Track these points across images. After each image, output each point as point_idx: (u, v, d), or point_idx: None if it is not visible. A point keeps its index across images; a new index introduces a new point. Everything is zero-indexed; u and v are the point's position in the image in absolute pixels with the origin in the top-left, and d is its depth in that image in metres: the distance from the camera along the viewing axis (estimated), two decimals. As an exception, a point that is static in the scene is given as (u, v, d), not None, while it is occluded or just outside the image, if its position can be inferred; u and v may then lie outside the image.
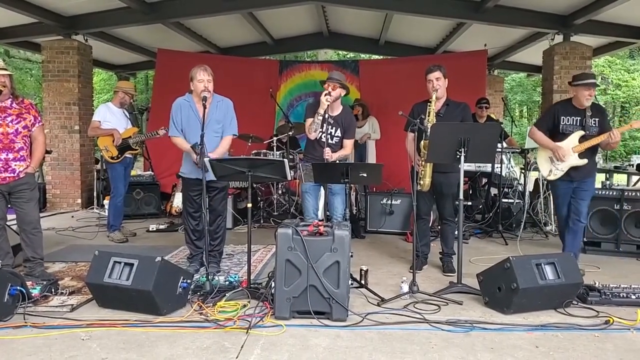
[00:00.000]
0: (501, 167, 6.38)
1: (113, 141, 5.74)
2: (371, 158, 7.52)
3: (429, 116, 4.30)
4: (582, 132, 4.41)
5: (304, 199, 4.69)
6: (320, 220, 3.98)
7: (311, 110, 4.60)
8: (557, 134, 4.51)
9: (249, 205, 3.86)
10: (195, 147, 4.05)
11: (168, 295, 3.36)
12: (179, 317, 3.31)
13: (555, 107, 4.62)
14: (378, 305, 3.60)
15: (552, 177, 4.54)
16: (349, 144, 4.69)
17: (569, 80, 4.64)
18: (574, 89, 4.46)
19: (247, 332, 3.05)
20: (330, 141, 4.52)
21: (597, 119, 4.43)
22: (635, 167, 7.56)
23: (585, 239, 5.34)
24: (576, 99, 4.46)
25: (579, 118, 4.44)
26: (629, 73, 21.59)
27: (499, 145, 6.19)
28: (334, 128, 4.57)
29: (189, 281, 3.55)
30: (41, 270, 4.14)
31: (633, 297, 3.58)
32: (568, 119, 4.47)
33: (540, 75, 9.23)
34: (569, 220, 4.55)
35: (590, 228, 5.29)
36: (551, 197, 4.65)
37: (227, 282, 3.82)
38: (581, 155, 4.41)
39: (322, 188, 4.83)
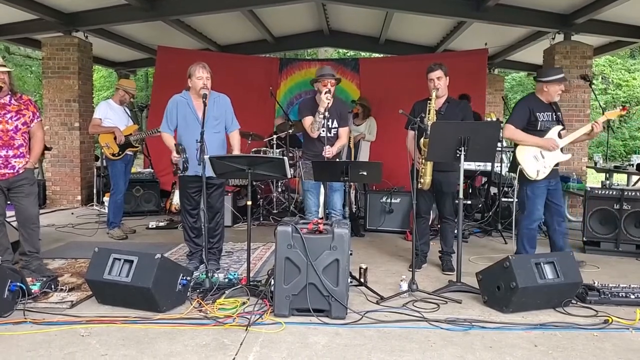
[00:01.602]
0: (501, 166, 6.38)
1: (114, 138, 5.73)
2: (363, 158, 7.42)
3: (429, 114, 4.30)
4: (560, 127, 4.34)
5: (306, 196, 4.70)
6: (320, 218, 3.98)
7: (307, 109, 4.61)
8: (532, 132, 4.33)
9: (249, 202, 3.87)
10: (178, 146, 4.08)
11: (167, 293, 3.37)
12: (179, 314, 3.31)
13: (527, 104, 4.43)
14: (377, 303, 3.61)
15: (540, 177, 4.30)
16: (344, 132, 4.71)
17: (534, 76, 4.56)
18: (544, 85, 4.33)
19: (246, 330, 3.06)
20: (329, 134, 4.53)
21: (559, 114, 4.40)
22: (635, 167, 7.56)
23: (584, 239, 5.36)
24: (545, 94, 4.35)
25: (551, 113, 4.36)
26: (629, 73, 21.53)
27: (499, 144, 6.19)
28: (330, 120, 4.58)
29: (188, 278, 3.56)
30: (38, 263, 4.14)
31: (632, 296, 3.58)
32: (544, 114, 4.35)
33: (541, 75, 9.20)
34: (554, 224, 4.49)
35: (589, 227, 5.30)
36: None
37: (226, 280, 3.82)
38: (563, 150, 4.35)
39: (322, 185, 4.83)
